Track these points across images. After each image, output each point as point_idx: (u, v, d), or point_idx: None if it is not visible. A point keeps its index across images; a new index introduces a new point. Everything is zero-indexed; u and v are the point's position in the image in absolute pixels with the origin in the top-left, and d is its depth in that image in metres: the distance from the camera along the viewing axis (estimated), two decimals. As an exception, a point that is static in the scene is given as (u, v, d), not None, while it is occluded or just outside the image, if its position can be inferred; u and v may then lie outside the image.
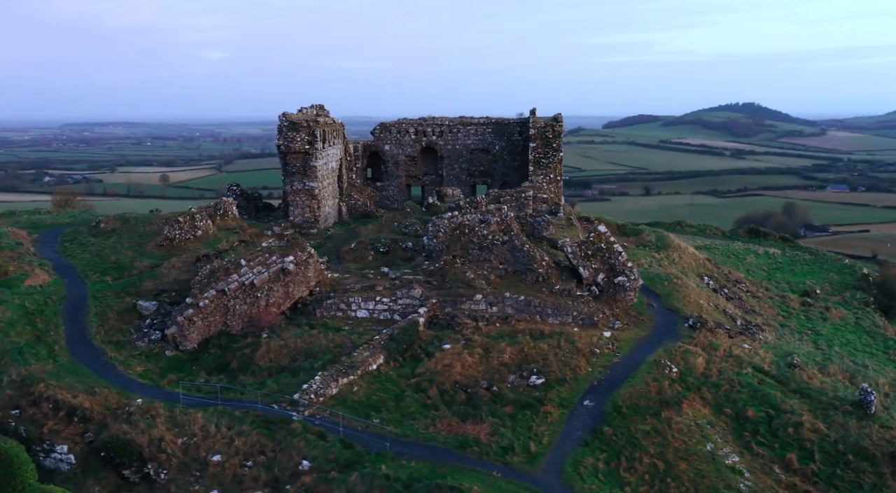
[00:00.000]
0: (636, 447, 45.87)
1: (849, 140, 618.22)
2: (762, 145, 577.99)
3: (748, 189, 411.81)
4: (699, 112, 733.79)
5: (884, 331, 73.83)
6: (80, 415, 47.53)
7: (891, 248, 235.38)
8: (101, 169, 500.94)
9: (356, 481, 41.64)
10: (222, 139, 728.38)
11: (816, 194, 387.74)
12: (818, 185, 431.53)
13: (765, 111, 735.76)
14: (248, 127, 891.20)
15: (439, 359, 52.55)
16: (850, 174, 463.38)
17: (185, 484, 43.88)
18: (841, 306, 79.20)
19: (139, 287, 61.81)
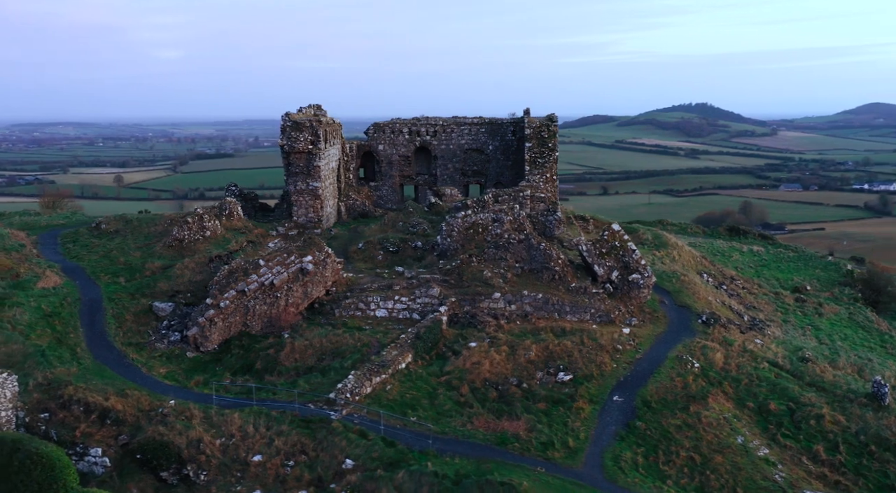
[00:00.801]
0: (671, 441, 46.70)
1: (800, 140, 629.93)
2: (715, 145, 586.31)
3: (703, 188, 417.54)
4: (653, 112, 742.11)
5: (877, 326, 75.76)
6: (113, 417, 47.19)
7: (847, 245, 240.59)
8: (54, 170, 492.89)
9: (403, 478, 41.87)
10: (176, 139, 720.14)
11: (771, 193, 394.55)
12: (772, 184, 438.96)
13: (717, 111, 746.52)
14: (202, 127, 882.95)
15: (467, 357, 52.96)
16: (802, 174, 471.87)
17: (226, 485, 43.74)
18: (832, 301, 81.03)
19: (153, 288, 61.38)
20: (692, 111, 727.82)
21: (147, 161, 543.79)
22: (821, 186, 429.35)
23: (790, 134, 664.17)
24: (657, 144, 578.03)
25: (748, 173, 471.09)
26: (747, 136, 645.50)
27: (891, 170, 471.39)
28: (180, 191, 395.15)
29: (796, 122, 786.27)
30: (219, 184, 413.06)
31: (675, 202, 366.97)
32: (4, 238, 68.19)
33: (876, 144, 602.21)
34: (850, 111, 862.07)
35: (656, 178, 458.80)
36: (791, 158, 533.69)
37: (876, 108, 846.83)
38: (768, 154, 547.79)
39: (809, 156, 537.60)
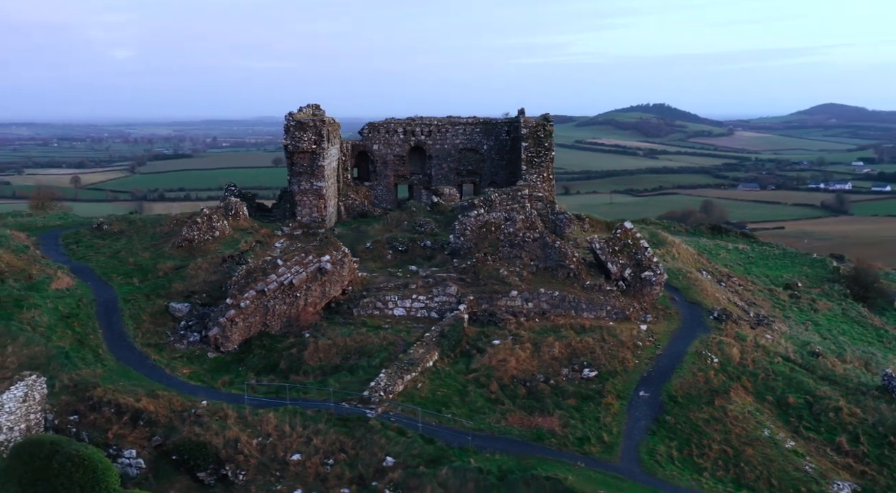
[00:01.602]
0: (702, 435, 47.60)
1: (755, 140, 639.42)
2: (673, 145, 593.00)
3: (664, 188, 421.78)
4: (612, 113, 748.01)
5: (870, 321, 77.58)
6: (146, 419, 46.94)
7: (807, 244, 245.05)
8: (8, 171, 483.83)
9: (447, 475, 42.21)
10: (132, 140, 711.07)
11: (729, 193, 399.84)
12: (730, 183, 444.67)
13: (674, 112, 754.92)
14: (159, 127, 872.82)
15: (492, 355, 53.45)
16: (759, 173, 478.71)
17: (266, 484, 43.74)
18: (824, 298, 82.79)
19: (168, 289, 61.01)
20: (650, 112, 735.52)
21: (104, 162, 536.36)
22: (778, 185, 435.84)
23: (746, 134, 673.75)
24: (616, 144, 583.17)
25: (706, 173, 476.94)
26: (704, 136, 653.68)
27: (845, 169, 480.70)
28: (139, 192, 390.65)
29: (752, 122, 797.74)
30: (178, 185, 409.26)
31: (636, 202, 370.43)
32: (7, 239, 67.20)
33: (829, 144, 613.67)
34: (804, 112, 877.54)
35: (617, 178, 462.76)
36: (748, 157, 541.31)
37: (829, 108, 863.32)
38: (725, 154, 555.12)
39: (765, 156, 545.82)
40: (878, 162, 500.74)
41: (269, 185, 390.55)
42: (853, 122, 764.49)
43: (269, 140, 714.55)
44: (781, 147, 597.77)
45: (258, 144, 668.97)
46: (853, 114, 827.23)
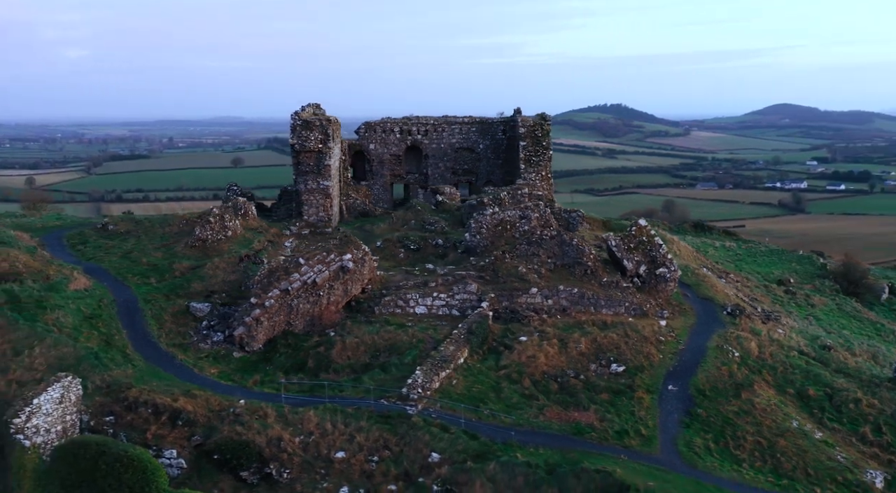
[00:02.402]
0: (734, 427, 48.61)
1: (711, 140, 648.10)
2: (631, 145, 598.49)
3: (623, 187, 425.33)
4: (570, 113, 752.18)
5: (865, 315, 79.53)
6: (185, 419, 46.77)
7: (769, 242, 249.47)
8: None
9: (495, 469, 42.69)
10: (87, 140, 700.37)
11: (688, 192, 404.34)
12: (688, 183, 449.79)
13: (632, 112, 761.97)
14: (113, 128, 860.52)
15: (521, 351, 54.04)
16: (716, 173, 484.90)
17: (311, 482, 43.83)
18: (817, 293, 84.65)
19: (188, 289, 60.73)
20: (608, 112, 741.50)
21: (58, 163, 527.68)
22: (735, 184, 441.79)
23: (702, 134, 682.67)
24: (575, 144, 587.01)
25: (664, 173, 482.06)
26: (661, 136, 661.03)
27: (800, 168, 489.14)
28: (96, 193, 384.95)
29: (707, 122, 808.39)
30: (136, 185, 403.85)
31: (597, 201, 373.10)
32: (14, 240, 66.32)
33: (783, 144, 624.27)
34: (758, 112, 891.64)
35: (577, 177, 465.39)
36: (704, 157, 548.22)
37: (782, 108, 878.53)
38: (682, 154, 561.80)
39: (722, 155, 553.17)
40: (832, 161, 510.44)
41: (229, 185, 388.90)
42: (806, 122, 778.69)
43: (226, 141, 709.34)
44: (737, 147, 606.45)
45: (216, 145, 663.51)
46: (806, 114, 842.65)
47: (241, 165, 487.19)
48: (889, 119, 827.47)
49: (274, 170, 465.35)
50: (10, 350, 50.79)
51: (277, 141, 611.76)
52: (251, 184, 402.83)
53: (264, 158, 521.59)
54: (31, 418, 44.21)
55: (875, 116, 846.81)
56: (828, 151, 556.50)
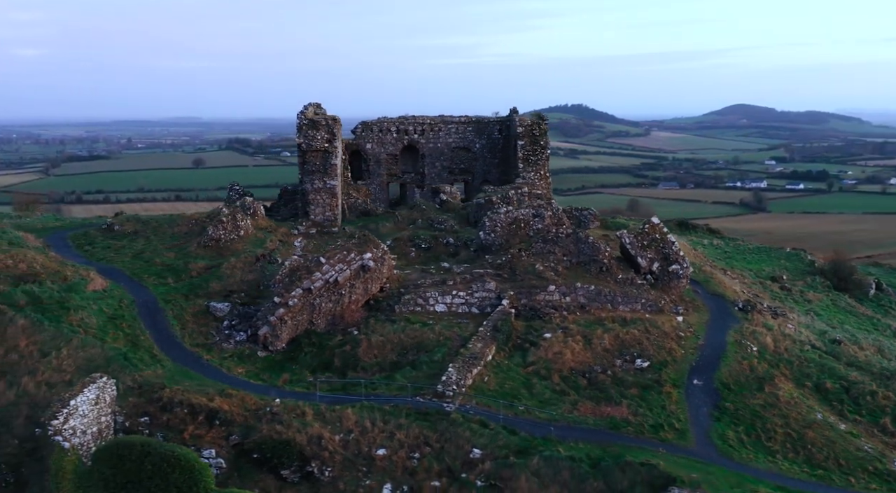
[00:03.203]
0: (763, 420, 49.57)
1: (671, 140, 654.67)
2: (593, 145, 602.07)
3: (587, 187, 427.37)
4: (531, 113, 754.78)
5: (859, 310, 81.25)
6: (222, 418, 46.69)
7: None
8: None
9: (539, 464, 43.17)
10: (43, 141, 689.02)
11: (651, 192, 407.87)
12: (650, 183, 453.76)
13: (592, 112, 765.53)
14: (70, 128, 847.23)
15: (547, 347, 54.61)
16: (677, 172, 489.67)
17: (353, 480, 43.98)
18: (810, 289, 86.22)
19: (206, 289, 60.45)
20: (569, 112, 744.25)
21: (14, 164, 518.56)
22: (696, 184, 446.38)
23: (662, 134, 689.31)
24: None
25: (626, 172, 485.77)
26: (622, 136, 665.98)
27: (759, 168, 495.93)
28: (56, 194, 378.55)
29: (666, 122, 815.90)
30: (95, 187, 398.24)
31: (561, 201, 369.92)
32: (23, 242, 65.49)
33: (742, 144, 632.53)
34: (717, 112, 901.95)
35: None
36: (665, 157, 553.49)
37: (740, 109, 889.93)
38: (643, 154, 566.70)
39: (682, 155, 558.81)
40: (790, 161, 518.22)
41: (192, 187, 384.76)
42: (763, 122, 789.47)
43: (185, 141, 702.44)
44: (696, 147, 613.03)
45: (175, 146, 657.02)
46: (763, 114, 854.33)
47: (202, 166, 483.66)
48: (844, 119, 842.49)
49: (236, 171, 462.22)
50: (37, 352, 50.29)
51: (238, 142, 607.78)
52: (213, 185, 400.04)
53: (226, 159, 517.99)
54: (68, 419, 43.92)
55: (830, 116, 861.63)
56: (785, 150, 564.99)
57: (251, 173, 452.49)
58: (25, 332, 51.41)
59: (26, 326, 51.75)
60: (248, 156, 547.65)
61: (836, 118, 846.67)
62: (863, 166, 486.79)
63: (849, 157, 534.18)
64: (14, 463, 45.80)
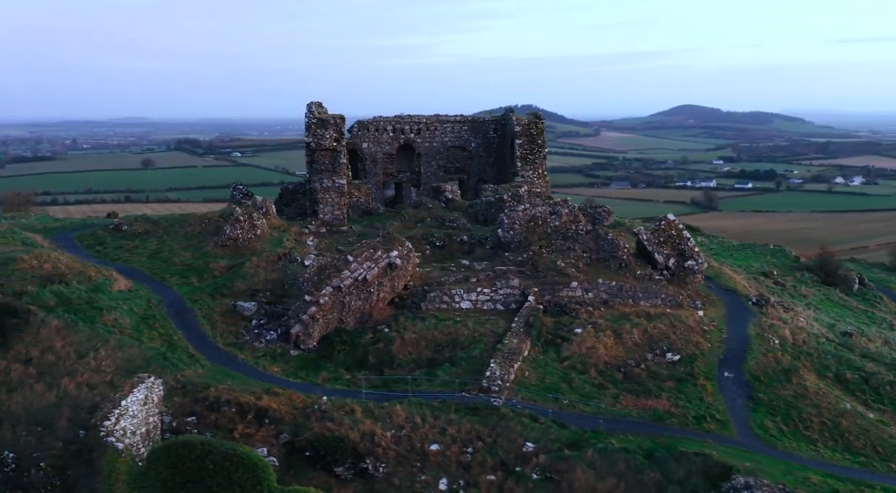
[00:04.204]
0: (798, 410, 50.89)
1: (620, 140, 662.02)
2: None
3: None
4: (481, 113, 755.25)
5: (852, 304, 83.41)
6: (271, 417, 46.61)
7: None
8: None
9: (594, 456, 43.91)
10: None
11: (604, 191, 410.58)
12: (602, 182, 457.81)
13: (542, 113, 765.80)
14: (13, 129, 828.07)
15: (579, 343, 55.36)
16: (627, 172, 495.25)
17: (408, 476, 44.25)
18: (802, 284, 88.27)
19: (231, 288, 60.14)
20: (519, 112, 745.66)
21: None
22: (647, 184, 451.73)
23: (611, 134, 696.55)
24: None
25: (578, 172, 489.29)
26: (572, 136, 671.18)
27: (707, 167, 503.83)
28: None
29: (615, 123, 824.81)
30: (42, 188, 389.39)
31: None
32: (34, 242, 64.46)
33: (689, 144, 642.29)
34: (664, 112, 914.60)
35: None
36: (615, 157, 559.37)
37: (687, 109, 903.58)
38: (593, 154, 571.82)
39: (632, 155, 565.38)
40: (737, 161, 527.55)
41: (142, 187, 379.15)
42: (709, 122, 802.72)
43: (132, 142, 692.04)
44: (645, 147, 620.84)
45: (122, 146, 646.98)
46: (709, 115, 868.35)
47: (151, 167, 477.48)
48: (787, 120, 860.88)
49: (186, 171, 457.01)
50: (74, 352, 49.72)
51: (188, 142, 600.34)
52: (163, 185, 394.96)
53: (175, 160, 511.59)
54: (119, 420, 43.53)
55: (774, 116, 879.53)
56: (732, 150, 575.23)
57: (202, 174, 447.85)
58: (60, 333, 50.75)
59: (60, 326, 51.06)
60: (198, 156, 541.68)
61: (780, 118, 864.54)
62: (808, 166, 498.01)
63: (794, 156, 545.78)
64: (60, 466, 45.29)
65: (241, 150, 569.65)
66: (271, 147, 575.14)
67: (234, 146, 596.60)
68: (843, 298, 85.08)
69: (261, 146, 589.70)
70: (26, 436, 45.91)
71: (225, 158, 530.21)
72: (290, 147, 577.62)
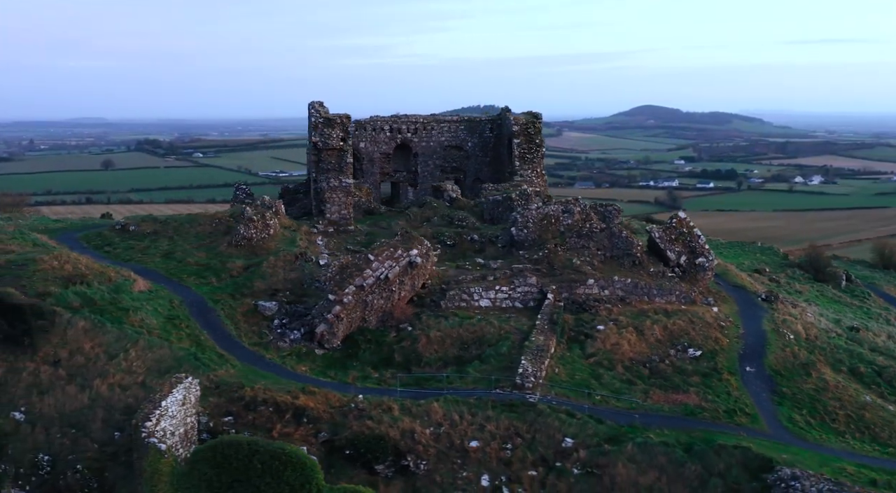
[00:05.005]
0: (822, 403, 51.90)
1: (582, 140, 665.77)
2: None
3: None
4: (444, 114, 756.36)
5: (846, 300, 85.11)
6: (309, 416, 46.60)
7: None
8: None
9: (633, 450, 44.52)
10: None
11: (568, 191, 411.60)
12: (567, 182, 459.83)
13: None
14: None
15: (603, 339, 55.94)
16: (590, 172, 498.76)
17: (450, 472, 44.55)
18: (795, 281, 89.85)
19: (251, 288, 59.89)
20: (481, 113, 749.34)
21: None
22: (611, 183, 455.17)
23: (573, 135, 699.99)
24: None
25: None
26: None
27: (669, 167, 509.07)
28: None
29: (577, 123, 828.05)
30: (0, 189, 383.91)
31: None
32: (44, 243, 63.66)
33: (650, 144, 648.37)
34: (625, 113, 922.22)
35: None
36: (578, 157, 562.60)
37: (647, 109, 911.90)
38: (556, 154, 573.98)
39: (594, 155, 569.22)
40: (698, 161, 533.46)
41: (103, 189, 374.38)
42: (669, 122, 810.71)
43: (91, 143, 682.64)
44: (607, 147, 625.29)
45: (81, 147, 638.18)
46: (669, 115, 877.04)
47: (112, 168, 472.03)
48: (746, 120, 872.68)
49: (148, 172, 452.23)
50: (103, 354, 49.34)
51: (149, 143, 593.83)
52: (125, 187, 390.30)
53: (136, 161, 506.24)
54: (160, 421, 43.26)
55: (733, 116, 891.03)
56: (693, 150, 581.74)
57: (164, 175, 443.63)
58: (88, 334, 50.30)
59: (87, 328, 50.60)
60: (159, 157, 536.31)
61: (738, 119, 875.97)
62: (768, 165, 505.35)
63: (753, 156, 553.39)
64: (96, 468, 45.04)
65: (202, 150, 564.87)
66: (233, 147, 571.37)
67: (196, 147, 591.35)
68: (837, 294, 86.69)
69: (222, 147, 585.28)
70: (61, 438, 45.53)
71: (186, 158, 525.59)
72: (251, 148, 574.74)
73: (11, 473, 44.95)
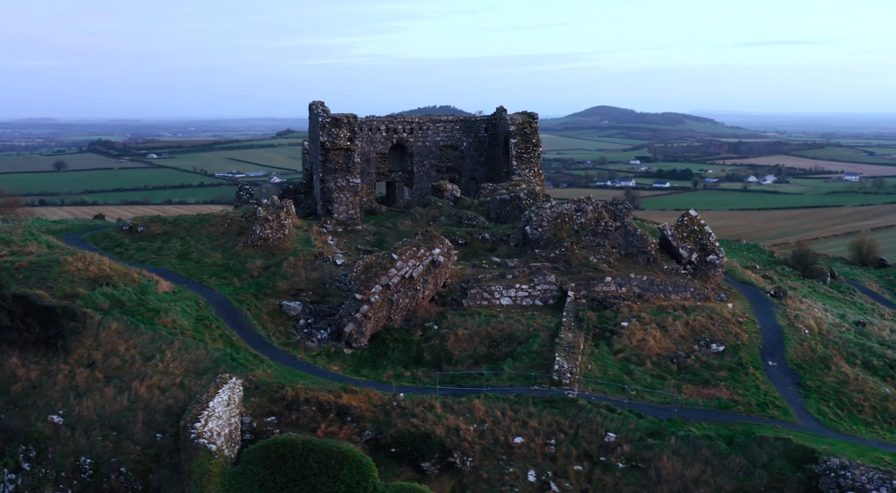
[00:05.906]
0: (846, 395, 53.01)
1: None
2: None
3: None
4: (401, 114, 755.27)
5: (837, 296, 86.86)
6: (352, 414, 46.65)
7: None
8: None
9: (677, 444, 45.25)
10: None
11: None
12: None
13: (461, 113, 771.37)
14: None
15: (629, 336, 56.66)
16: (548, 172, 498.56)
17: (496, 469, 44.96)
18: (787, 278, 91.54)
19: (274, 288, 59.61)
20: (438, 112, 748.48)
21: None
22: (569, 183, 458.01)
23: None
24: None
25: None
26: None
27: (626, 167, 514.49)
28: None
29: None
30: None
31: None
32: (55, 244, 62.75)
33: (606, 144, 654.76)
34: (579, 113, 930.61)
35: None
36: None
37: (601, 110, 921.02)
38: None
39: (550, 155, 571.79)
40: (653, 161, 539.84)
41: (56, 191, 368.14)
42: (624, 123, 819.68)
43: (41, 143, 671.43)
44: (563, 147, 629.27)
45: (30, 148, 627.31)
46: (623, 116, 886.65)
47: (64, 169, 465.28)
48: (698, 121, 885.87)
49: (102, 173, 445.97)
50: (139, 355, 48.93)
51: (101, 144, 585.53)
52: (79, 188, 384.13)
53: (89, 162, 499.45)
54: (208, 421, 43.09)
55: (686, 117, 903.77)
56: (648, 150, 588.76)
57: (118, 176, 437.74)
58: (121, 336, 49.85)
59: (120, 329, 50.13)
60: (113, 158, 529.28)
61: (691, 119, 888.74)
62: (721, 165, 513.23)
63: (707, 156, 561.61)
64: (140, 471, 44.74)
65: (156, 151, 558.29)
66: (187, 148, 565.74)
67: (149, 147, 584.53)
68: (829, 290, 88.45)
69: (176, 147, 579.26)
70: (102, 441, 45.12)
71: (141, 159, 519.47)
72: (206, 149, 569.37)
73: (52, 477, 44.47)
